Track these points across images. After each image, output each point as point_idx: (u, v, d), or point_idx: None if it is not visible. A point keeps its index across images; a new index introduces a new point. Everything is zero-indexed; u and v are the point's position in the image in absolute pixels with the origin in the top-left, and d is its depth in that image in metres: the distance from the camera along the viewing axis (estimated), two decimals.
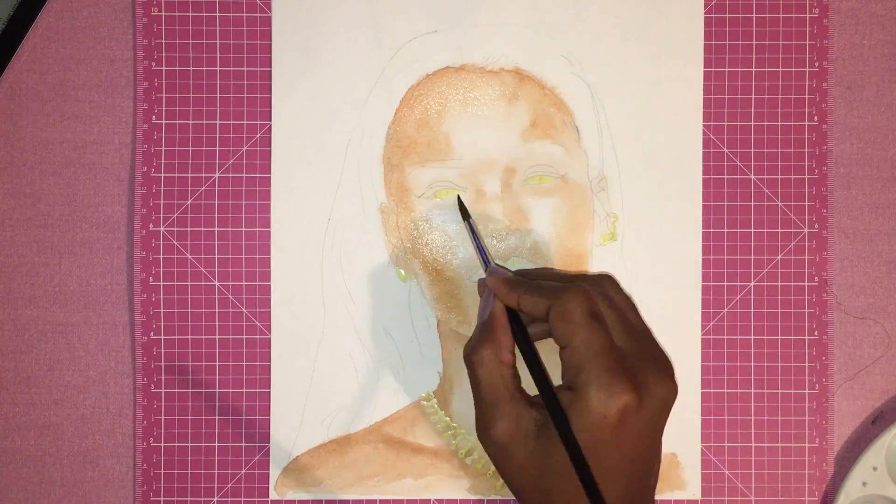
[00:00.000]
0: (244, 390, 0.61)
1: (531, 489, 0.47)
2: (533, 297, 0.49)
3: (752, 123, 0.62)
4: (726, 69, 0.62)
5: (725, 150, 0.62)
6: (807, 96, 0.62)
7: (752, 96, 0.62)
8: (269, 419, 0.61)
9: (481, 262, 0.55)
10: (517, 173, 0.61)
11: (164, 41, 0.61)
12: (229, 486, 0.61)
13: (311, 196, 0.62)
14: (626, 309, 0.50)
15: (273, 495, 0.62)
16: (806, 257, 0.62)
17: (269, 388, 0.61)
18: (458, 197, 0.60)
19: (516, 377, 0.49)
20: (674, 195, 0.62)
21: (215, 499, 0.61)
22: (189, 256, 0.62)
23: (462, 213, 0.58)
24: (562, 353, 0.47)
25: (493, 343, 0.49)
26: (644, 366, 0.47)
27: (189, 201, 0.62)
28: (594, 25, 0.62)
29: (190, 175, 0.62)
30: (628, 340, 0.48)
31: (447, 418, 0.62)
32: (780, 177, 0.62)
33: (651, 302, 0.62)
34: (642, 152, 0.62)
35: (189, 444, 0.61)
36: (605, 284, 0.51)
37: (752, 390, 0.62)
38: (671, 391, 0.48)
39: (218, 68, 0.62)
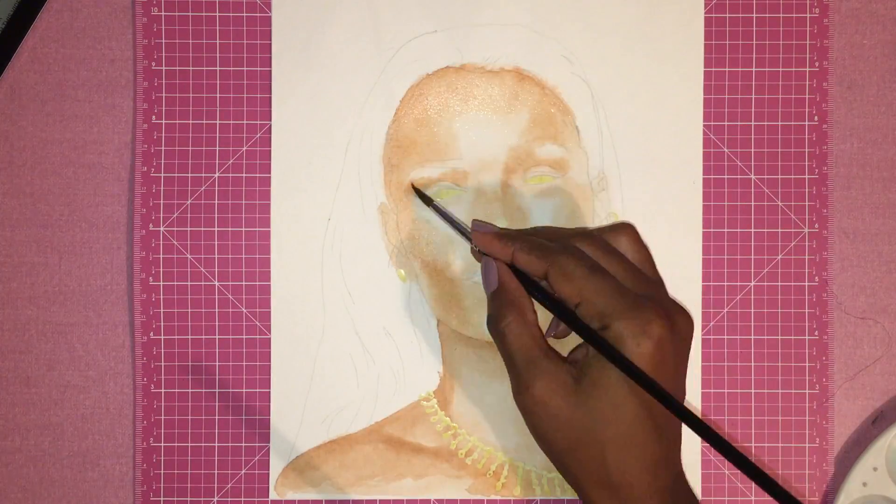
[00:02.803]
0: (244, 390, 0.61)
1: (577, 445, 0.47)
2: (529, 256, 0.50)
3: (753, 123, 0.62)
4: (726, 69, 0.62)
5: (726, 149, 0.62)
6: (807, 96, 0.62)
7: (753, 96, 0.62)
8: (269, 419, 0.61)
9: (462, 237, 0.56)
10: (517, 173, 0.61)
11: (163, 41, 0.61)
12: (229, 486, 0.61)
13: (311, 196, 0.62)
14: (638, 261, 0.50)
15: (273, 495, 0.62)
16: (806, 257, 0.62)
17: (269, 388, 0.61)
18: (412, 185, 0.59)
19: (543, 337, 0.50)
20: (674, 195, 0.62)
21: (215, 499, 0.61)
22: (189, 256, 0.62)
23: (423, 200, 0.58)
24: (579, 311, 0.48)
25: (513, 307, 0.50)
26: (661, 301, 0.48)
27: (189, 201, 0.62)
28: (594, 25, 0.62)
29: (190, 175, 0.62)
30: (639, 286, 0.48)
31: (447, 418, 0.62)
32: (780, 177, 0.62)
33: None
34: (642, 152, 0.62)
35: (189, 444, 0.61)
36: (619, 237, 0.51)
37: (752, 390, 0.62)
38: (691, 322, 0.49)
39: (218, 68, 0.62)
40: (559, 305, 0.49)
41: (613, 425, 0.46)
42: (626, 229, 0.51)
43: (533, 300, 0.51)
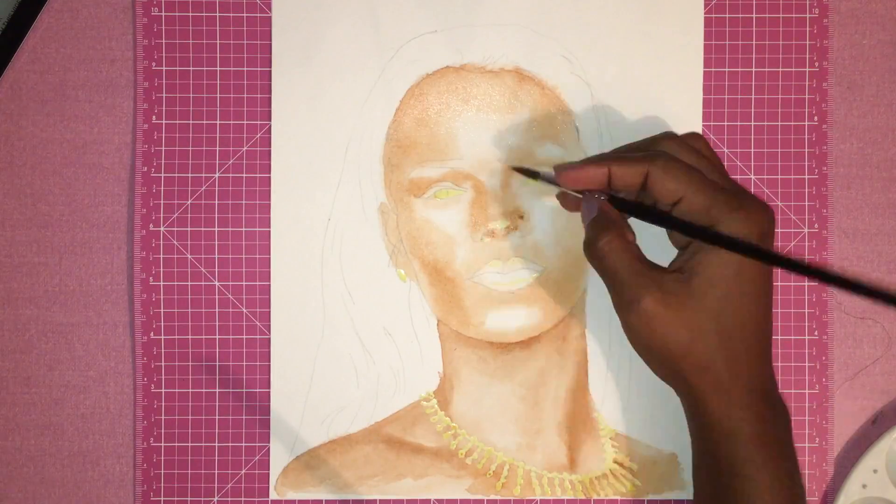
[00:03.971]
0: (244, 390, 0.62)
1: (689, 349, 0.48)
2: (624, 167, 0.50)
3: (752, 123, 0.62)
4: (726, 69, 0.62)
5: (725, 150, 0.62)
6: (807, 96, 0.62)
7: (752, 96, 0.62)
8: (269, 419, 0.61)
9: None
10: (517, 173, 0.61)
11: (164, 41, 0.62)
12: (229, 486, 0.61)
13: (311, 196, 0.62)
14: (716, 162, 0.52)
15: (273, 495, 0.62)
16: (806, 257, 0.62)
17: (269, 387, 0.61)
18: (520, 168, 0.58)
19: (643, 254, 0.50)
20: None
21: (215, 499, 0.61)
22: (189, 256, 0.62)
23: (529, 175, 0.56)
24: (679, 208, 0.49)
25: (611, 228, 0.50)
26: (743, 198, 0.49)
27: (189, 201, 0.62)
28: (594, 25, 0.62)
29: (190, 175, 0.62)
30: (727, 182, 0.50)
31: (447, 418, 0.62)
32: (780, 177, 0.62)
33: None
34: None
35: (189, 444, 0.61)
36: (694, 141, 0.52)
37: None
38: (773, 212, 0.50)
39: (218, 68, 0.62)
40: (664, 215, 0.50)
41: (727, 316, 0.48)
42: (701, 138, 0.52)
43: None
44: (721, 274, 0.48)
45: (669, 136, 0.52)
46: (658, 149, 0.51)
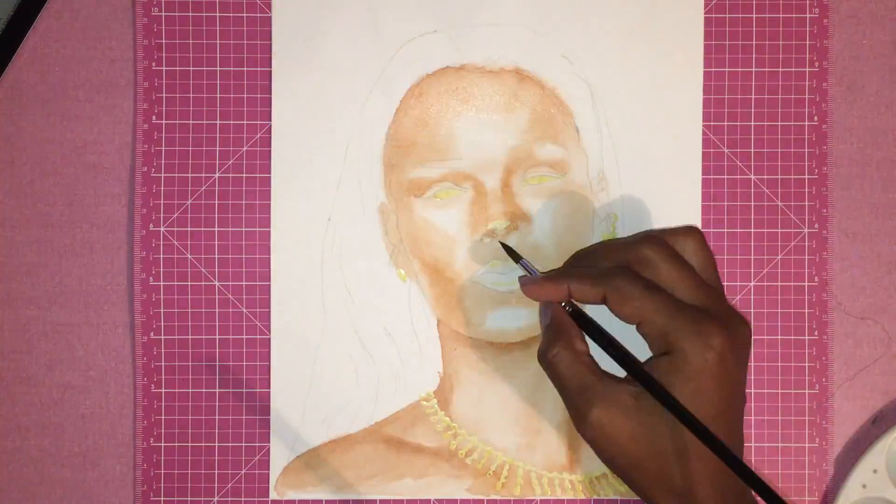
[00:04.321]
0: (244, 390, 0.62)
1: (646, 461, 0.47)
2: (583, 285, 0.50)
3: (752, 123, 0.62)
4: (726, 69, 0.62)
5: (725, 150, 0.62)
6: (807, 96, 0.62)
7: (752, 96, 0.62)
8: (268, 419, 0.61)
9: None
10: (517, 173, 0.61)
11: (164, 41, 0.62)
12: (229, 486, 0.61)
13: (311, 196, 0.62)
14: (701, 266, 0.51)
15: (273, 495, 0.62)
16: (806, 257, 0.62)
17: (269, 387, 0.61)
18: (502, 245, 0.58)
19: (596, 363, 0.50)
20: (673, 195, 0.62)
21: (215, 499, 0.61)
22: (189, 256, 0.62)
23: (513, 257, 0.57)
24: (640, 330, 0.48)
25: (563, 338, 0.50)
26: (719, 312, 0.48)
27: (189, 201, 0.62)
28: (594, 25, 0.62)
29: (190, 175, 0.62)
30: (698, 296, 0.49)
31: (447, 418, 0.62)
32: (779, 177, 0.62)
33: None
34: (642, 152, 0.62)
35: (189, 444, 0.61)
36: (684, 241, 0.51)
37: (752, 390, 0.62)
38: (749, 328, 0.49)
39: (218, 68, 0.62)
40: (609, 341, 0.50)
41: (678, 438, 0.47)
42: (693, 234, 0.51)
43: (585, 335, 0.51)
44: (680, 391, 0.47)
45: (653, 240, 0.50)
46: (638, 253, 0.50)
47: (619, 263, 0.50)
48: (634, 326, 0.49)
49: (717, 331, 0.47)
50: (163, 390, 0.61)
